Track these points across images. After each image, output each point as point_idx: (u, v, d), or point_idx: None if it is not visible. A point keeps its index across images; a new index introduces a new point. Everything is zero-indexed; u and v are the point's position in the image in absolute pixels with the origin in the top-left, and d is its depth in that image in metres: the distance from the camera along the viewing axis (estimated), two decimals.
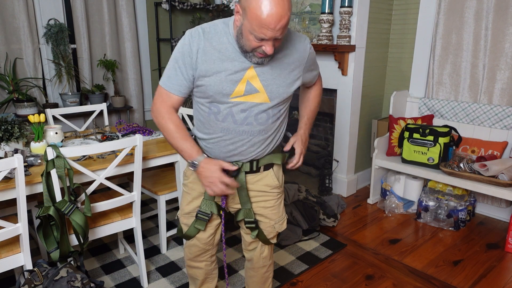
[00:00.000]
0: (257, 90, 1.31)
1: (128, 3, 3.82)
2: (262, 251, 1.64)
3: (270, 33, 1.15)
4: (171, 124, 1.35)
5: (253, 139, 1.38)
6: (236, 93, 1.30)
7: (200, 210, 1.50)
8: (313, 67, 1.48)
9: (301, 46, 1.37)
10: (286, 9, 1.13)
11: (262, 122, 1.36)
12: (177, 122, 1.36)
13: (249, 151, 1.41)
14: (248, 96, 1.31)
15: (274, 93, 1.33)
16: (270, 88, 1.32)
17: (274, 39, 1.19)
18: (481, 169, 2.54)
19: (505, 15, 2.67)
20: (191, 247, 1.62)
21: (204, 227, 1.53)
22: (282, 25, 1.14)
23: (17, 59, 3.37)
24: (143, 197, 3.25)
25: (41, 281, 1.60)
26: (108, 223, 1.99)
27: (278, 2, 1.11)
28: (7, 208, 2.17)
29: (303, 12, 3.37)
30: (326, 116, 3.61)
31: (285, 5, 1.13)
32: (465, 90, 2.97)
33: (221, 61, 1.28)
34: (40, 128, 2.05)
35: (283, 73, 1.34)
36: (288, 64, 1.35)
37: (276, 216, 1.56)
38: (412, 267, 2.35)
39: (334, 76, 3.21)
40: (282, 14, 1.12)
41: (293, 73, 1.37)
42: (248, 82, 1.29)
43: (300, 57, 1.37)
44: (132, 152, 2.06)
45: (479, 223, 2.90)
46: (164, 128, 1.36)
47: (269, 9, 1.11)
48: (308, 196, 2.90)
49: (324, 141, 3.90)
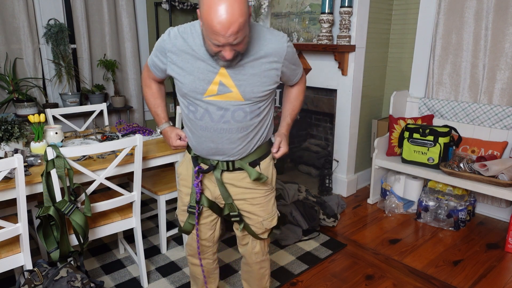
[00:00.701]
0: (230, 90, 1.32)
1: (128, 3, 3.82)
2: (254, 246, 1.64)
3: (223, 40, 1.15)
4: (148, 91, 1.59)
5: (232, 136, 1.39)
6: (209, 92, 1.33)
7: (190, 205, 1.54)
8: (294, 65, 1.45)
9: (276, 44, 1.33)
10: (237, 15, 1.11)
11: (239, 120, 1.37)
12: (154, 90, 1.59)
13: (230, 149, 1.41)
14: (221, 95, 1.33)
15: (248, 93, 1.33)
16: (244, 87, 1.32)
17: (233, 44, 1.18)
18: (481, 169, 2.54)
19: (505, 15, 2.67)
20: (193, 242, 1.65)
21: (195, 222, 1.58)
22: (233, 31, 1.13)
23: (17, 59, 3.37)
24: (143, 197, 3.25)
25: (41, 281, 1.59)
26: (108, 223, 1.99)
27: (227, 9, 1.10)
28: (7, 208, 2.17)
29: (303, 12, 3.37)
30: (326, 116, 3.61)
31: (235, 11, 1.11)
32: (465, 90, 2.97)
33: (194, 61, 1.32)
34: (40, 128, 2.05)
35: (257, 72, 1.32)
36: (262, 63, 1.32)
37: (264, 213, 1.56)
38: (412, 267, 2.35)
39: (334, 76, 3.21)
40: (231, 21, 1.11)
41: (270, 72, 1.35)
42: (220, 82, 1.32)
43: (276, 56, 1.34)
44: (132, 152, 2.06)
45: (479, 223, 2.90)
46: (144, 94, 1.62)
47: (218, 16, 1.10)
48: (308, 196, 2.90)
49: (324, 141, 3.90)
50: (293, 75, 1.49)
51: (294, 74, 1.49)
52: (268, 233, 1.63)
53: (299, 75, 1.54)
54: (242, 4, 1.12)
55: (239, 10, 1.11)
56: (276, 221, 1.61)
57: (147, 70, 1.54)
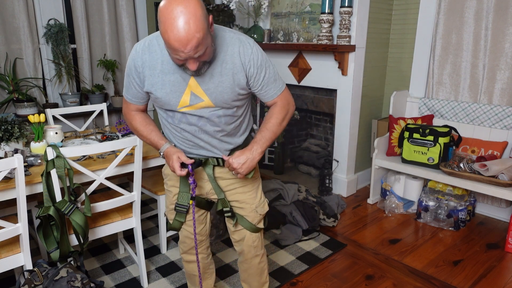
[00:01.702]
0: (201, 99, 1.35)
1: (128, 3, 3.82)
2: (253, 240, 1.65)
3: (184, 55, 1.15)
4: (136, 124, 1.51)
5: (210, 138, 1.44)
6: (182, 104, 1.36)
7: (177, 203, 1.57)
8: (262, 74, 1.35)
9: (237, 50, 1.30)
10: (193, 31, 1.10)
11: (215, 124, 1.41)
12: (141, 119, 1.51)
13: (212, 146, 1.47)
14: (194, 105, 1.36)
15: (219, 100, 1.35)
16: (214, 95, 1.34)
17: (195, 57, 1.17)
18: (481, 169, 2.54)
19: (505, 15, 2.67)
20: (186, 239, 1.69)
21: (184, 219, 1.61)
22: (192, 47, 1.12)
23: (17, 59, 3.37)
24: (143, 197, 3.25)
25: (41, 281, 1.59)
26: (108, 223, 1.99)
27: (183, 26, 1.09)
28: (7, 208, 2.17)
29: (303, 12, 3.37)
30: (326, 116, 3.61)
31: (191, 27, 1.10)
32: (465, 90, 2.97)
33: (164, 74, 1.32)
34: (40, 128, 2.05)
35: (225, 79, 1.32)
36: (230, 70, 1.31)
37: (256, 200, 1.60)
38: (412, 267, 2.35)
39: (334, 76, 3.21)
40: (189, 38, 1.10)
41: (236, 77, 1.32)
42: (192, 93, 1.33)
43: (239, 62, 1.30)
44: (132, 152, 2.06)
45: (479, 223, 2.90)
46: (132, 128, 1.53)
47: (175, 34, 1.10)
48: (308, 196, 2.90)
49: (324, 141, 3.90)
50: (266, 86, 1.38)
51: (266, 85, 1.38)
52: (263, 222, 1.67)
53: (277, 89, 1.41)
54: (198, 18, 1.11)
55: (195, 25, 1.10)
56: (268, 207, 1.66)
57: (126, 106, 1.50)
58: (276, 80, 1.41)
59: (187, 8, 1.10)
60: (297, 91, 3.61)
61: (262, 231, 1.70)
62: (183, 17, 1.09)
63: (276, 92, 1.42)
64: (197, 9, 1.12)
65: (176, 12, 1.09)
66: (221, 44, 1.30)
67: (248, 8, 3.68)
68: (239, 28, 4.13)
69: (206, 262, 1.79)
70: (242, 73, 1.33)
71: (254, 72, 1.34)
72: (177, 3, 1.10)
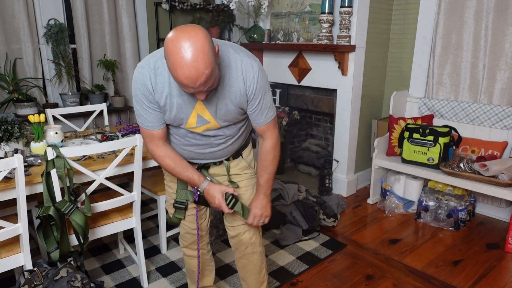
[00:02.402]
0: (208, 121, 1.37)
1: (128, 3, 3.82)
2: (250, 237, 1.66)
3: (192, 90, 1.15)
4: (168, 161, 1.44)
5: (213, 149, 1.48)
6: (189, 125, 1.38)
7: (176, 200, 1.60)
8: (258, 99, 1.36)
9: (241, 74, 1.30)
10: (202, 69, 1.09)
11: (219, 138, 1.45)
12: (173, 156, 1.45)
13: (214, 157, 1.51)
14: (200, 127, 1.38)
15: (224, 121, 1.38)
16: (220, 117, 1.36)
17: (204, 90, 1.18)
18: (481, 169, 2.54)
19: (505, 15, 2.67)
20: (185, 235, 1.72)
21: (183, 216, 1.64)
22: (201, 83, 1.12)
23: (17, 59, 3.37)
24: (143, 197, 3.25)
25: (41, 281, 1.59)
26: (108, 223, 1.99)
27: (192, 65, 1.08)
28: (7, 208, 2.17)
29: (303, 12, 3.37)
30: (326, 116, 3.61)
31: (200, 65, 1.09)
32: (465, 90, 2.97)
33: (171, 97, 1.31)
34: (40, 128, 2.05)
35: (230, 102, 1.34)
36: (233, 93, 1.33)
37: (251, 197, 1.63)
38: (412, 267, 2.35)
39: (334, 76, 3.21)
40: (198, 75, 1.10)
41: (239, 100, 1.34)
42: (198, 115, 1.35)
43: (242, 85, 1.32)
44: (132, 152, 2.06)
45: (479, 223, 2.90)
46: (164, 166, 1.47)
47: (184, 72, 1.09)
48: (308, 196, 2.90)
49: (324, 141, 3.90)
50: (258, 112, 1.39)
51: (259, 110, 1.39)
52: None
53: (267, 118, 1.42)
54: (206, 54, 1.09)
55: (204, 63, 1.09)
56: None
57: (149, 139, 1.42)
58: (269, 108, 1.41)
59: (195, 45, 1.08)
60: (297, 91, 3.61)
61: (259, 229, 1.71)
62: (192, 55, 1.07)
63: (266, 120, 1.43)
64: (205, 44, 1.10)
65: (184, 49, 1.07)
66: (226, 67, 1.29)
67: (248, 8, 3.68)
68: (239, 28, 4.13)
69: (206, 258, 1.80)
70: (244, 96, 1.34)
71: (252, 96, 1.35)
72: (185, 39, 1.08)
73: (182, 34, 1.09)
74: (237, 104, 1.35)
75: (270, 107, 1.41)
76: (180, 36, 1.09)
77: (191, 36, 1.08)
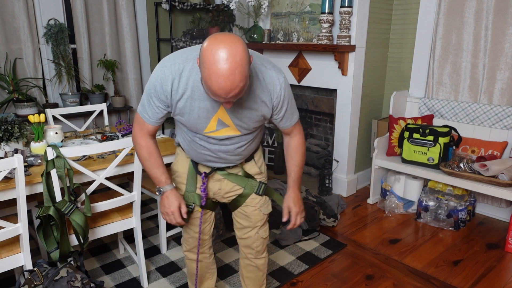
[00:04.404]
0: (227, 125, 1.37)
1: (128, 3, 3.82)
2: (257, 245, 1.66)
3: (223, 100, 1.14)
4: (144, 151, 1.45)
5: (227, 155, 1.48)
6: (209, 129, 1.37)
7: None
8: (284, 108, 1.40)
9: (267, 86, 1.32)
10: (237, 81, 1.08)
11: (235, 143, 1.45)
12: (151, 149, 1.45)
13: (227, 161, 1.51)
14: (220, 130, 1.38)
15: (244, 128, 1.38)
16: (240, 124, 1.36)
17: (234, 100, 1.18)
18: (481, 169, 2.54)
19: (505, 15, 2.67)
20: (189, 239, 1.70)
21: (188, 219, 1.61)
22: (234, 95, 1.11)
23: (17, 59, 3.37)
24: (143, 197, 3.25)
25: (41, 281, 1.60)
26: (108, 223, 1.99)
27: (229, 77, 1.06)
28: (7, 208, 2.17)
29: (303, 12, 3.37)
30: (326, 116, 3.61)
31: (236, 78, 1.07)
32: (465, 90, 2.97)
33: (192, 100, 1.30)
34: (40, 128, 2.05)
35: (252, 110, 1.34)
36: (258, 104, 1.33)
37: (260, 199, 1.62)
38: (412, 267, 2.35)
39: (334, 76, 3.21)
40: (232, 88, 1.09)
41: (263, 110, 1.36)
42: (219, 120, 1.35)
43: (268, 98, 1.33)
44: (132, 152, 2.06)
45: (479, 223, 2.90)
46: (138, 153, 1.47)
47: (220, 82, 1.07)
48: (308, 196, 2.90)
49: (324, 141, 3.90)
50: (285, 118, 1.44)
51: (286, 116, 1.44)
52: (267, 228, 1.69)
53: (292, 120, 1.47)
54: (243, 67, 1.08)
55: (240, 76, 1.08)
56: (271, 207, 1.68)
57: (139, 126, 1.42)
58: (293, 112, 1.46)
59: (234, 57, 1.06)
60: (297, 91, 3.61)
61: (267, 238, 1.70)
62: (230, 67, 1.06)
63: (292, 122, 1.48)
64: (243, 56, 1.08)
65: (224, 60, 1.05)
66: (254, 78, 1.29)
67: (248, 8, 3.68)
68: (239, 28, 4.13)
69: (208, 262, 1.79)
70: (270, 107, 1.36)
71: (279, 107, 1.37)
72: (223, 47, 1.06)
73: (221, 44, 1.07)
74: (261, 115, 1.36)
75: (294, 111, 1.46)
76: (219, 46, 1.06)
77: (231, 48, 1.06)
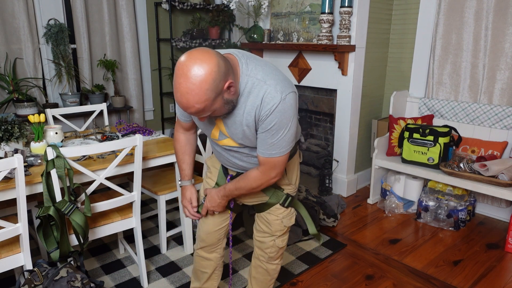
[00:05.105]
0: (226, 137, 1.39)
1: (128, 3, 3.82)
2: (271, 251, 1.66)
3: (188, 113, 1.18)
4: (177, 144, 1.62)
5: (243, 163, 1.48)
6: (213, 137, 1.44)
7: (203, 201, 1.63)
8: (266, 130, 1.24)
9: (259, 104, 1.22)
10: (192, 102, 1.10)
11: (242, 155, 1.45)
12: (183, 144, 1.61)
13: (241, 167, 1.50)
14: (221, 141, 1.42)
15: (240, 140, 1.36)
16: (236, 137, 1.35)
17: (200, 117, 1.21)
18: (481, 169, 2.54)
19: (505, 15, 2.67)
20: (207, 236, 1.69)
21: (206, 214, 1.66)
22: (193, 112, 1.14)
23: (17, 59, 3.37)
24: (143, 197, 3.25)
25: (41, 281, 1.59)
26: (108, 223, 1.99)
27: (183, 94, 1.09)
28: (7, 208, 2.17)
29: (303, 12, 3.37)
30: (326, 116, 3.61)
31: (190, 98, 1.09)
32: (465, 90, 2.97)
33: None
34: (40, 128, 2.05)
35: (247, 128, 1.29)
36: (249, 121, 1.27)
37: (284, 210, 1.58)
38: (412, 267, 2.35)
39: (334, 76, 3.21)
40: (187, 105, 1.12)
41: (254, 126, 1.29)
42: (220, 130, 1.38)
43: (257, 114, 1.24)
44: (132, 152, 2.06)
45: (479, 223, 2.90)
46: (174, 146, 1.65)
47: (177, 96, 1.12)
48: (308, 196, 2.90)
49: (324, 141, 3.90)
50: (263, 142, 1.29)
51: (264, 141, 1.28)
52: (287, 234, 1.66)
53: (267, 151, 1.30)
54: (202, 91, 1.08)
55: (194, 98, 1.09)
56: (294, 220, 1.62)
57: (177, 122, 1.58)
58: (275, 147, 1.28)
59: (194, 78, 1.07)
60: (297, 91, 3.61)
61: (283, 248, 1.68)
62: (186, 86, 1.08)
63: (265, 153, 1.31)
64: (207, 80, 1.07)
65: (184, 75, 1.08)
66: (247, 94, 1.23)
67: (248, 8, 3.68)
68: (239, 28, 4.13)
69: (219, 263, 1.80)
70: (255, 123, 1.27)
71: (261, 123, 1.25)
72: (190, 64, 1.07)
73: (191, 61, 1.08)
74: (254, 130, 1.29)
75: (277, 147, 1.28)
76: (188, 62, 1.08)
77: (197, 69, 1.07)
